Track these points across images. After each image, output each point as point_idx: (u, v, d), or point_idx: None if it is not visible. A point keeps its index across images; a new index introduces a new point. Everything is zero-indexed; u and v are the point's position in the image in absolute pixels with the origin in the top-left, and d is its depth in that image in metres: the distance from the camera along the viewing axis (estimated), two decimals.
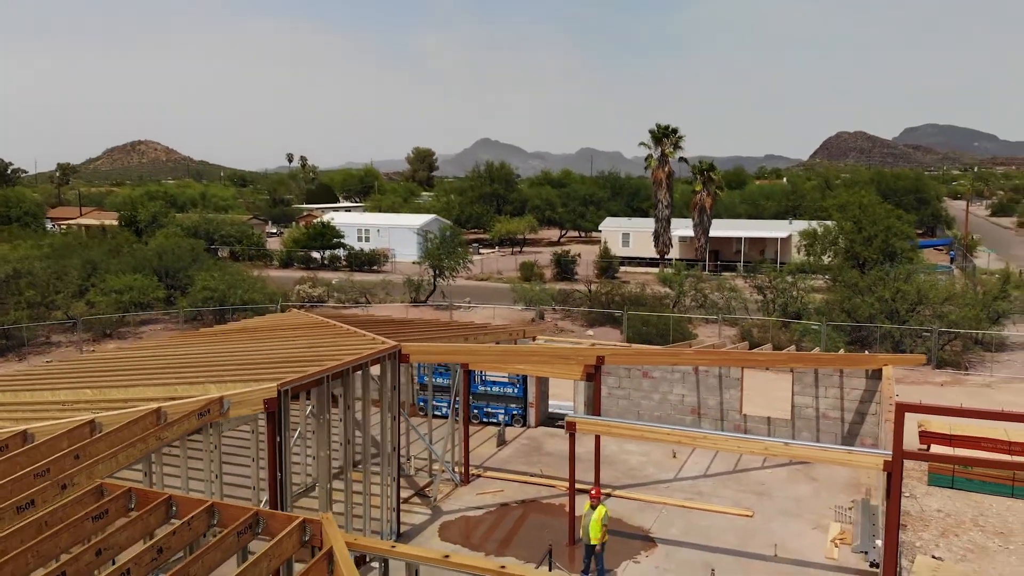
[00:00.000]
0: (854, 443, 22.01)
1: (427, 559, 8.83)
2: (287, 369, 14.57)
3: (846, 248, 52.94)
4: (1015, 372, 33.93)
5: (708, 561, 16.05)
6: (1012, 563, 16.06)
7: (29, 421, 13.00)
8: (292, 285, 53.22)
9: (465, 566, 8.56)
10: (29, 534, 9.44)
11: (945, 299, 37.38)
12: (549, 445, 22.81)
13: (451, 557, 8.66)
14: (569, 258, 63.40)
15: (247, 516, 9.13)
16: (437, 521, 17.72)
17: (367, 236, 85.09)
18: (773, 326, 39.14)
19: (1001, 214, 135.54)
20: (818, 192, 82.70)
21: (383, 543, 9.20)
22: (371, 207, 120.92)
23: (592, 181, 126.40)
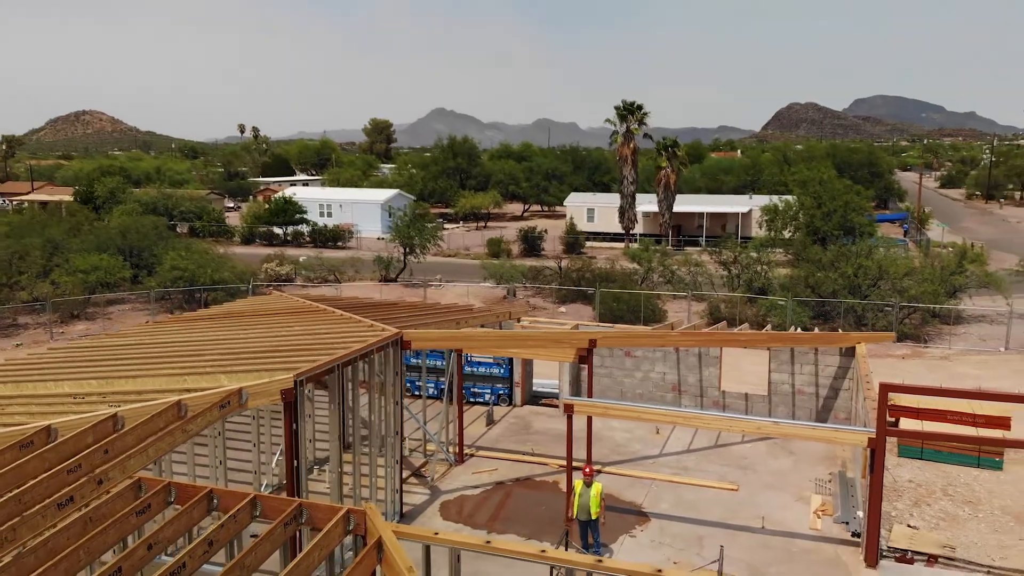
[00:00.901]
0: (828, 417, 23.03)
1: (469, 545, 9.35)
2: (298, 359, 14.87)
3: (806, 223, 54.32)
4: (971, 344, 35.45)
5: (700, 534, 16.85)
6: (982, 530, 17.13)
7: (46, 416, 13.16)
8: (258, 263, 52.83)
9: (505, 550, 9.09)
10: (76, 531, 9.74)
11: (905, 274, 38.76)
12: (536, 424, 23.45)
13: (492, 542, 9.19)
14: (536, 234, 63.91)
15: (291, 508, 9.53)
16: (437, 501, 18.25)
17: (329, 211, 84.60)
18: (740, 302, 40.18)
19: (950, 186, 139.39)
20: (776, 167, 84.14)
21: (426, 530, 9.67)
22: (329, 180, 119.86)
23: (553, 154, 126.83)
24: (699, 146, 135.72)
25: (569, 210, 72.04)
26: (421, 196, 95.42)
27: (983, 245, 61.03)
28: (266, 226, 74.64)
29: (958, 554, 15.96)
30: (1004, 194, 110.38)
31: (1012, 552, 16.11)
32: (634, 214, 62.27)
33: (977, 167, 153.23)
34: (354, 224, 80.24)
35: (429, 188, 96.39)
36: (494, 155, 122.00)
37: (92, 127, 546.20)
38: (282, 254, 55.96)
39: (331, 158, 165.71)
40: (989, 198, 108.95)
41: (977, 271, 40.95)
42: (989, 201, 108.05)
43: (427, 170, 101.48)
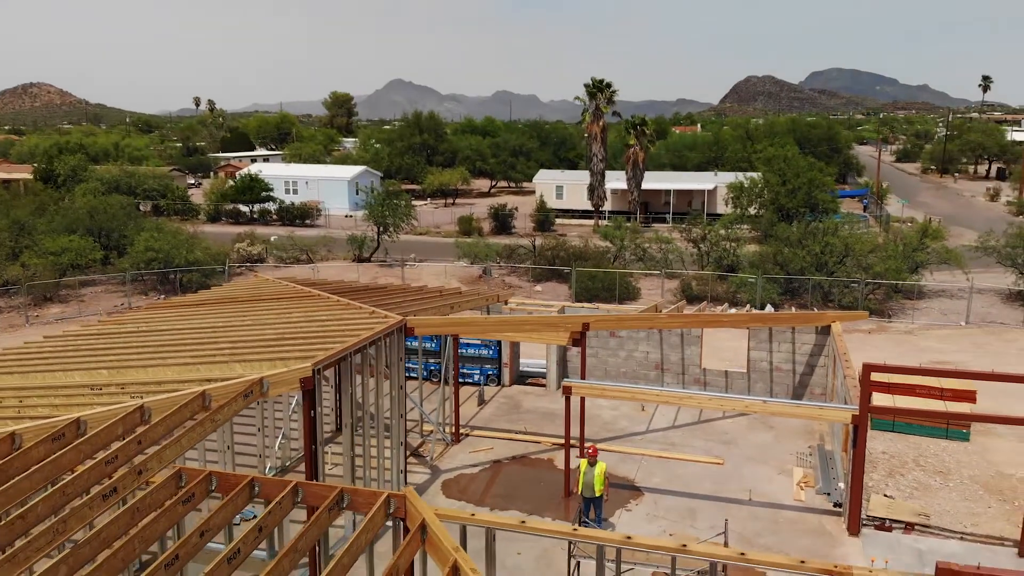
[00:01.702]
0: (805, 393, 24.09)
1: (504, 524, 10.00)
2: (311, 347, 15.33)
3: (771, 200, 55.52)
4: (933, 319, 36.91)
5: (692, 507, 17.74)
6: (953, 499, 18.28)
7: (69, 408, 13.48)
8: (228, 242, 52.49)
9: (539, 529, 9.76)
10: (124, 521, 10.20)
11: (870, 251, 40.07)
12: (526, 403, 24.17)
13: (526, 522, 9.86)
14: (506, 212, 64.34)
15: (334, 494, 10.09)
16: (438, 480, 18.90)
17: (295, 188, 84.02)
18: (711, 280, 41.21)
19: (905, 160, 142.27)
20: (739, 143, 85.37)
21: (463, 512, 10.29)
22: (290, 155, 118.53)
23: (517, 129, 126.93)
24: (663, 122, 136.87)
25: (538, 187, 72.51)
26: (388, 173, 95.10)
27: (940, 220, 62.97)
28: (232, 204, 73.98)
29: (932, 521, 17.07)
30: (958, 168, 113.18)
31: (982, 519, 17.26)
32: (604, 192, 62.98)
33: (931, 141, 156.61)
34: (321, 201, 79.87)
35: (396, 164, 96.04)
36: (457, 130, 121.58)
37: (40, 100, 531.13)
38: (252, 233, 55.70)
39: (291, 132, 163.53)
40: (944, 172, 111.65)
41: (937, 247, 42.43)
42: (944, 175, 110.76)
43: (392, 146, 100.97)
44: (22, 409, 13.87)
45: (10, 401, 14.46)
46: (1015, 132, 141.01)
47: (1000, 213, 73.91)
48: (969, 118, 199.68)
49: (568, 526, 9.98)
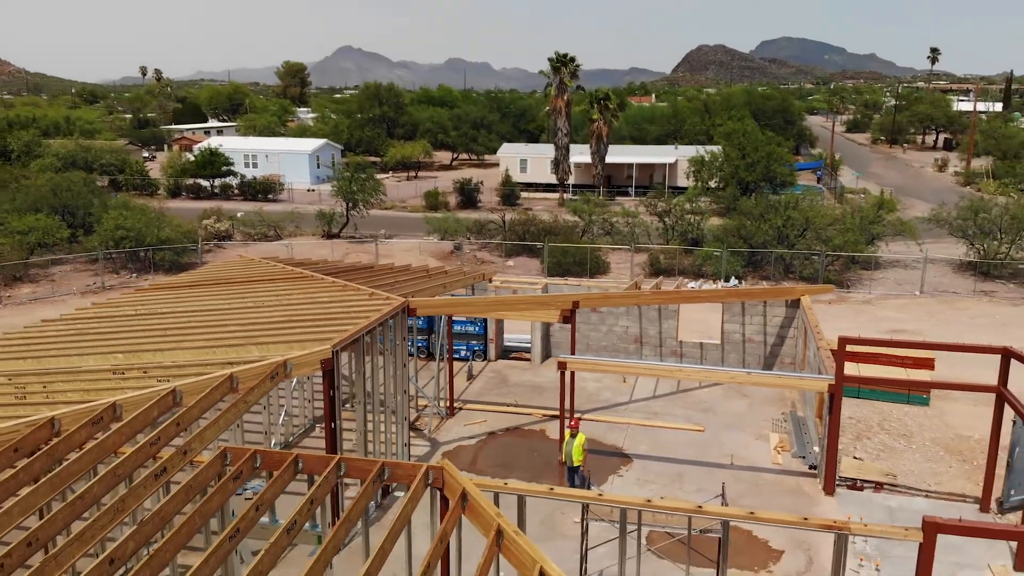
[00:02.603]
0: (775, 363, 25.47)
1: (533, 492, 10.98)
2: (325, 330, 16.07)
3: (731, 174, 56.99)
4: (889, 289, 38.71)
5: (678, 471, 18.96)
6: (917, 460, 19.78)
7: (99, 392, 14.08)
8: (193, 218, 52.11)
9: (566, 495, 10.74)
10: (180, 498, 10.95)
11: (829, 224, 41.68)
12: (512, 377, 25.16)
13: (554, 490, 10.84)
14: (472, 186, 64.87)
15: (376, 468, 10.95)
16: (437, 452, 19.84)
17: (255, 162, 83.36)
18: (678, 253, 42.49)
19: (855, 130, 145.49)
20: (697, 116, 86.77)
21: (496, 482, 11.23)
22: (244, 127, 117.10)
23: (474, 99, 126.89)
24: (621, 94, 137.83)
25: (502, 161, 73.09)
26: (348, 145, 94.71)
27: (892, 192, 65.20)
28: (193, 179, 73.23)
29: (899, 481, 18.52)
30: (907, 139, 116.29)
31: (944, 478, 18.77)
32: (568, 165, 63.86)
33: (880, 111, 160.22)
34: (281, 175, 79.46)
35: (356, 137, 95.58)
36: (414, 100, 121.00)
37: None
38: (219, 210, 55.50)
39: (244, 103, 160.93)
40: (893, 143, 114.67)
41: (892, 220, 44.24)
42: (893, 146, 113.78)
43: (352, 118, 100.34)
44: (50, 394, 14.43)
45: (34, 387, 14.98)
46: (961, 102, 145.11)
47: (948, 183, 76.57)
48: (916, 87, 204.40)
49: (592, 492, 11.01)
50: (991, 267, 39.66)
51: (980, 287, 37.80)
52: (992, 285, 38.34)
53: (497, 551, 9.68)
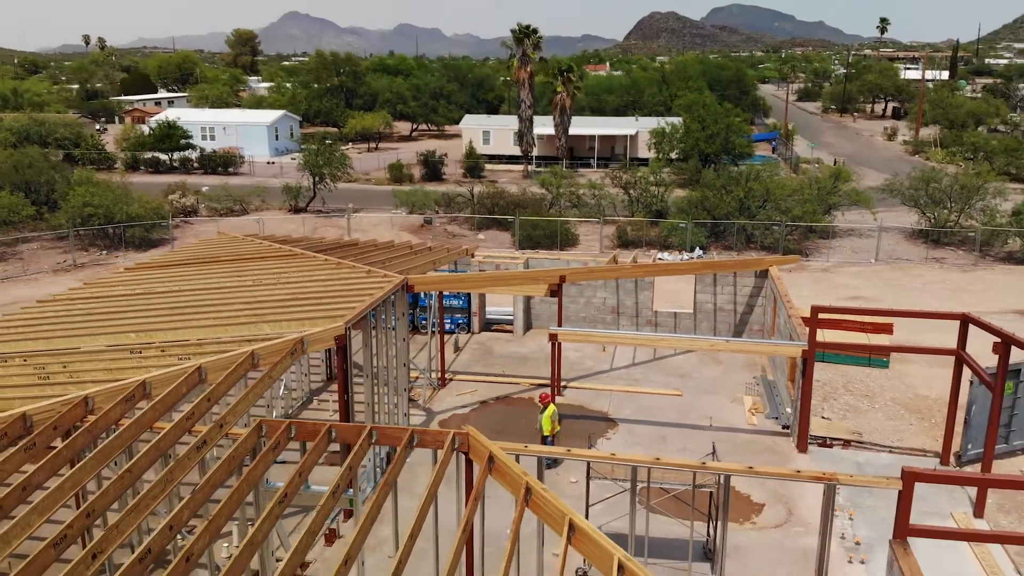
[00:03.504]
0: (744, 330, 26.85)
1: (552, 453, 12.01)
2: (332, 307, 16.85)
3: (692, 146, 58.35)
4: (845, 257, 40.47)
5: (662, 434, 20.21)
6: (879, 418, 21.31)
7: (123, 371, 14.70)
8: (153, 193, 51.56)
9: (585, 455, 11.79)
10: (225, 468, 11.76)
11: (788, 195, 43.24)
12: (497, 348, 26.16)
13: (571, 451, 11.88)
14: (436, 158, 65.29)
15: (407, 436, 11.87)
16: (434, 420, 20.81)
17: (212, 135, 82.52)
18: (644, 225, 43.72)
19: (806, 99, 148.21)
20: (655, 87, 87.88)
21: (517, 445, 12.23)
22: (196, 98, 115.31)
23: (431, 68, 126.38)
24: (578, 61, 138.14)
25: (465, 133, 73.49)
26: (306, 117, 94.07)
27: (844, 161, 67.29)
28: (151, 152, 72.34)
29: (865, 438, 20.02)
30: (857, 108, 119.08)
31: (905, 435, 20.32)
32: (532, 138, 64.59)
33: (830, 79, 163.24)
34: (240, 148, 78.85)
35: (314, 108, 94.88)
36: (368, 68, 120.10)
37: None
38: (184, 184, 55.18)
39: (194, 73, 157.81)
40: (843, 112, 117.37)
41: (848, 190, 45.99)
42: (843, 115, 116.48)
43: (309, 88, 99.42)
44: (73, 374, 14.99)
45: (54, 367, 15.52)
46: (908, 70, 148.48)
47: (898, 152, 79.08)
48: (864, 55, 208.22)
49: (605, 452, 12.09)
50: (941, 235, 41.64)
51: (931, 254, 39.76)
52: (943, 252, 40.33)
53: (525, 506, 10.71)
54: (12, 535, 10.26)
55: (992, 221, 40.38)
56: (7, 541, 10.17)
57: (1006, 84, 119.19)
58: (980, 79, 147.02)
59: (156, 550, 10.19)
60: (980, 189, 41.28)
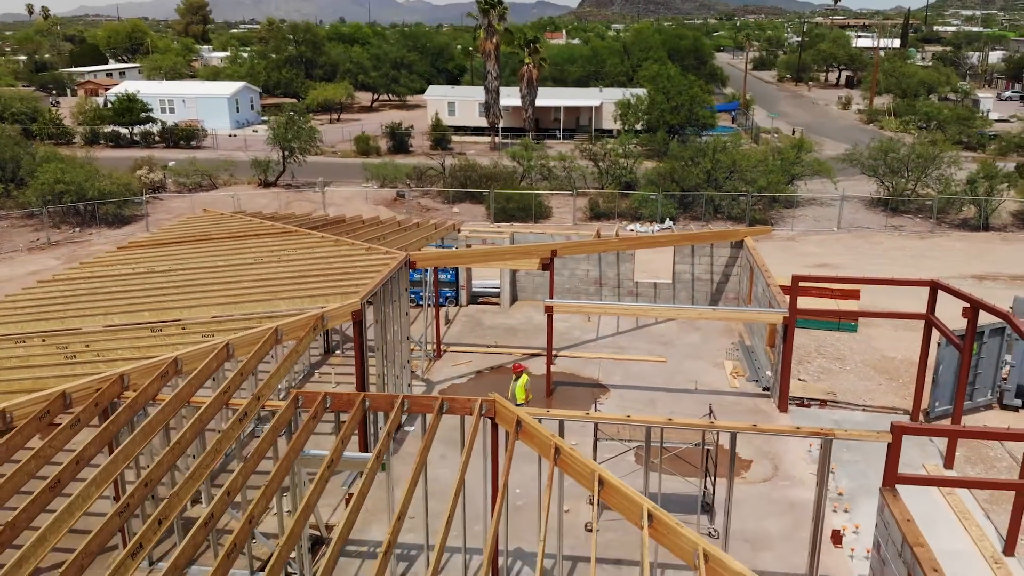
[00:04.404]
0: (720, 299, 28.10)
1: (572, 416, 13.02)
2: (343, 284, 17.58)
3: (658, 117, 59.41)
4: (809, 225, 42.02)
5: (651, 398, 21.37)
6: (851, 379, 22.74)
7: (150, 348, 15.31)
8: (120, 169, 51.12)
9: (603, 418, 12.81)
10: (270, 438, 12.55)
11: (754, 166, 44.56)
12: (486, 320, 27.06)
13: (589, 414, 12.88)
14: (403, 130, 65.45)
15: (438, 404, 12.76)
16: (433, 390, 21.68)
17: (172, 107, 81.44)
18: (616, 198, 44.75)
19: (761, 68, 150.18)
20: (617, 57, 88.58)
21: (540, 409, 13.18)
22: (148, 69, 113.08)
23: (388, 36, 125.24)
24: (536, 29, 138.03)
25: (430, 104, 73.57)
26: (266, 88, 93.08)
27: (802, 131, 68.99)
28: (111, 126, 71.26)
29: (839, 398, 21.42)
30: (811, 76, 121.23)
31: (876, 394, 21.77)
32: (499, 109, 65.06)
33: (783, 47, 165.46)
34: (200, 120, 77.96)
35: (273, 79, 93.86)
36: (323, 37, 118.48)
37: None
38: (151, 159, 54.72)
39: (144, 43, 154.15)
40: (798, 81, 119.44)
41: (810, 160, 47.50)
42: (798, 84, 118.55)
43: (267, 59, 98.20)
44: (100, 352, 15.56)
45: (77, 346, 16.06)
46: (859, 38, 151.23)
47: (853, 121, 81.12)
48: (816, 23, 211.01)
49: (620, 415, 13.14)
50: (899, 203, 43.40)
51: (890, 222, 41.50)
52: (901, 220, 42.10)
53: (554, 465, 11.71)
54: (75, 507, 10.99)
55: (947, 190, 42.21)
56: (71, 512, 10.89)
57: (955, 52, 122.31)
58: (929, 47, 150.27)
59: (218, 514, 11.02)
60: (936, 159, 43.02)
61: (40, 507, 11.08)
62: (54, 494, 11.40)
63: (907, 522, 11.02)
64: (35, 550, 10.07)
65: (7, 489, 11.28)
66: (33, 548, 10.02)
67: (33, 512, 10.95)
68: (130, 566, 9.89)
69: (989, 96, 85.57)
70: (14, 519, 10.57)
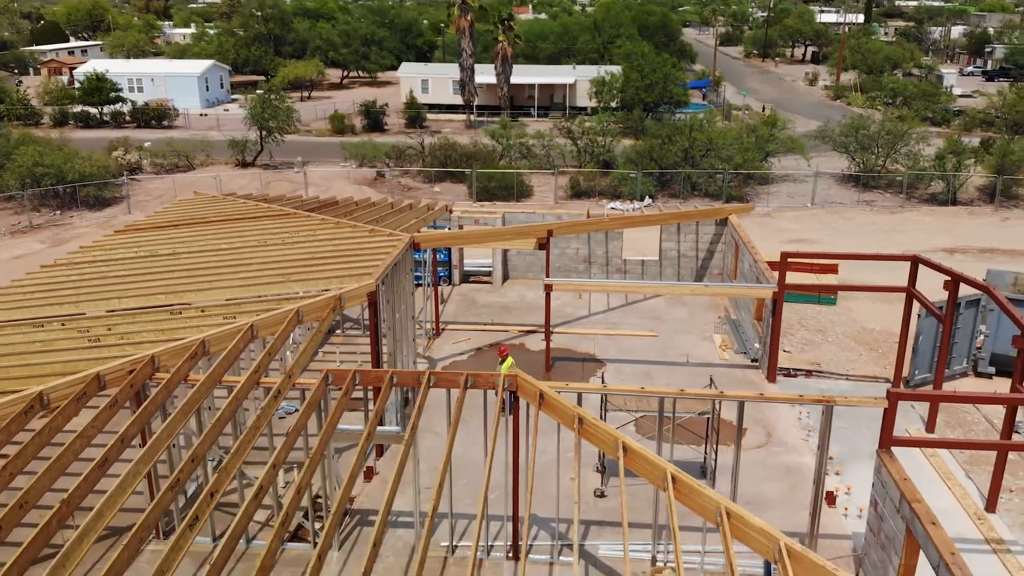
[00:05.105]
0: (705, 275, 29.04)
1: (589, 389, 13.82)
2: (356, 265, 18.16)
3: (633, 95, 60.12)
4: (783, 202, 43.15)
5: (647, 371, 22.27)
6: (833, 350, 23.84)
7: (174, 331, 15.82)
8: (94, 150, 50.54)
9: (617, 390, 13.63)
10: (306, 414, 13.19)
11: (730, 143, 45.52)
12: (479, 299, 27.76)
13: (608, 386, 13.69)
14: (378, 108, 65.46)
15: (463, 378, 13.48)
16: (437, 367, 22.38)
17: (140, 86, 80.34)
18: (596, 176, 45.48)
19: (727, 44, 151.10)
20: (588, 34, 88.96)
21: (558, 384, 13.94)
22: (111, 46, 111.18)
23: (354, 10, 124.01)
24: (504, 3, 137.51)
25: (403, 81, 73.49)
26: (235, 66, 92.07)
27: (772, 107, 70.16)
28: (81, 106, 70.30)
29: (824, 368, 22.49)
30: (778, 52, 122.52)
31: (857, 364, 22.89)
32: (474, 87, 65.30)
33: (749, 23, 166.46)
34: (170, 100, 77.11)
35: (242, 57, 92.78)
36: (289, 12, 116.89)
37: None
38: (126, 140, 54.27)
39: (105, 20, 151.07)
40: (765, 56, 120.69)
41: (783, 137, 48.59)
42: (765, 60, 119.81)
43: (235, 36, 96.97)
44: (124, 336, 16.04)
45: (98, 330, 16.50)
46: (823, 13, 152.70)
47: (820, 97, 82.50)
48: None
49: (635, 386, 13.97)
50: (870, 179, 44.69)
51: (862, 197, 42.78)
52: (872, 195, 43.41)
53: (578, 434, 12.52)
54: (127, 483, 11.58)
55: (916, 165, 43.55)
56: (123, 489, 11.49)
57: (918, 27, 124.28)
58: (892, 21, 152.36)
59: (266, 486, 11.67)
60: (905, 135, 44.31)
61: (91, 485, 11.66)
62: (102, 472, 11.99)
63: (904, 480, 12.00)
64: (95, 524, 10.67)
65: (55, 469, 11.86)
66: (93, 522, 10.62)
67: (86, 489, 11.53)
68: (188, 537, 10.53)
69: (952, 72, 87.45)
70: (69, 496, 11.15)
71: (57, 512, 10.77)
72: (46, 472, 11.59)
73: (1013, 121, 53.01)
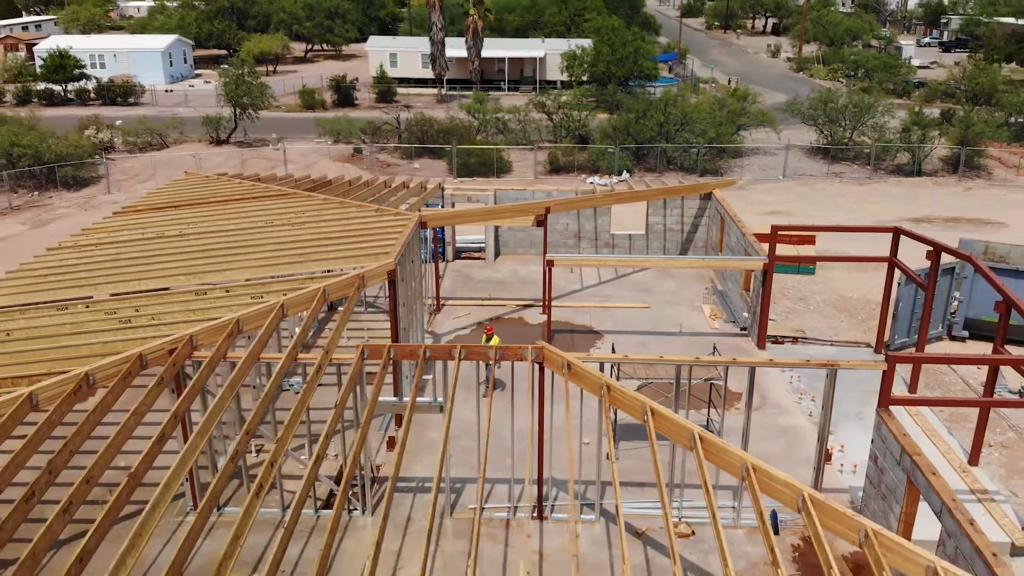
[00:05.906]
0: (690, 248, 30.14)
1: (611, 359, 14.77)
2: (370, 245, 18.84)
3: (604, 70, 60.84)
4: (756, 175, 44.41)
5: (642, 341, 23.32)
6: (815, 318, 25.12)
7: (205, 311, 16.41)
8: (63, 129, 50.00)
9: (637, 359, 14.62)
10: (349, 387, 13.95)
11: (703, 117, 46.57)
12: (474, 274, 28.55)
13: (628, 356, 14.67)
14: (348, 83, 65.36)
15: (492, 352, 14.34)
16: (441, 341, 23.19)
17: (102, 63, 78.96)
18: (574, 151, 46.27)
19: (689, 15, 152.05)
20: (555, 7, 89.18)
21: (581, 353, 14.87)
22: (66, 21, 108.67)
23: None
24: None
25: (371, 55, 73.27)
26: (198, 40, 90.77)
27: (738, 80, 71.36)
28: (45, 84, 69.06)
29: (808, 335, 23.75)
30: (739, 24, 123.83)
31: (839, 330, 24.19)
32: (445, 61, 65.46)
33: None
34: (134, 76, 76.01)
35: (205, 31, 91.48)
36: None
37: None
38: (97, 118, 53.67)
39: None
40: (727, 28, 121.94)
41: (754, 111, 49.79)
42: (727, 31, 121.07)
43: (197, 10, 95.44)
44: (154, 316, 16.60)
45: (127, 312, 17.02)
46: None
47: (783, 70, 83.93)
48: None
49: (654, 355, 14.97)
50: (838, 151, 46.13)
51: (831, 169, 44.21)
52: (840, 167, 44.86)
53: (607, 401, 13.48)
54: (187, 458, 12.29)
55: (882, 138, 45.06)
56: (184, 463, 12.19)
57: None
58: None
59: (321, 455, 12.46)
60: (871, 108, 45.76)
61: (152, 458, 12.35)
62: (161, 446, 12.67)
63: (904, 436, 13.18)
64: (163, 496, 11.40)
65: (115, 445, 12.52)
66: (162, 495, 11.34)
67: (148, 463, 12.22)
68: (255, 504, 11.30)
69: (910, 43, 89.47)
70: (135, 469, 11.85)
71: (126, 485, 11.48)
72: (107, 449, 12.24)
73: (973, 92, 54.86)
